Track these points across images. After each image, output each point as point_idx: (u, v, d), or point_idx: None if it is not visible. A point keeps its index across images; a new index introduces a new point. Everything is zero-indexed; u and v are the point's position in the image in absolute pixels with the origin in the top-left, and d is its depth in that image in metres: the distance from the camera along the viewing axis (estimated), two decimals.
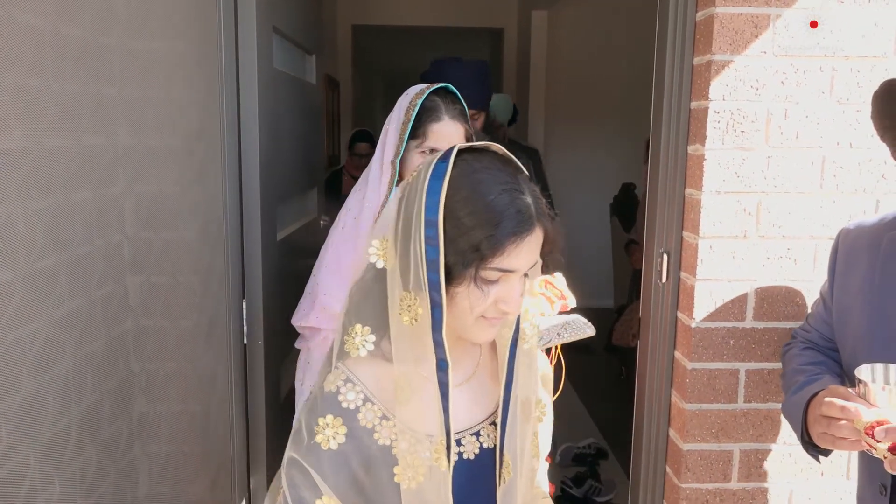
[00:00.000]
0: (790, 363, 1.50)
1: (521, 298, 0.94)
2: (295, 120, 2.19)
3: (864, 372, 1.19)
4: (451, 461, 0.94)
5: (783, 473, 1.77)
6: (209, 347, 1.60)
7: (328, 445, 0.93)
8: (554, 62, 5.40)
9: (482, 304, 0.92)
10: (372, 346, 0.96)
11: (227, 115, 1.67)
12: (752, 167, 1.66)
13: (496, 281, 0.92)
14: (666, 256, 1.80)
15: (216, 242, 1.64)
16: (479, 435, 1.02)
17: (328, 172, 4.26)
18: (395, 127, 1.66)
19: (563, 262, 1.07)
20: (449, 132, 1.65)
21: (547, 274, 1.73)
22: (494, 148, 0.96)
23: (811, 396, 1.30)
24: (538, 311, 1.63)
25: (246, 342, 1.81)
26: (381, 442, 0.95)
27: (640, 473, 1.93)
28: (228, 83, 1.67)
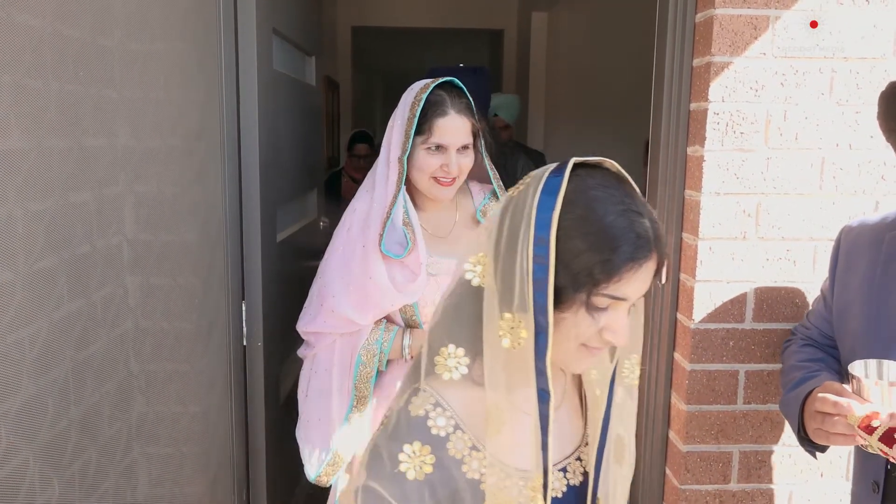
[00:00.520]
0: (789, 359, 1.50)
1: (627, 329, 0.88)
2: (294, 121, 2.19)
3: (857, 368, 1.21)
4: (547, 501, 0.87)
5: (783, 475, 1.77)
6: (209, 349, 1.60)
7: (414, 475, 0.85)
8: (554, 64, 5.40)
9: (588, 332, 0.86)
10: (465, 369, 0.88)
11: (226, 116, 1.67)
12: (751, 168, 1.66)
13: (605, 308, 0.85)
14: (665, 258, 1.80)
15: (216, 244, 1.64)
16: (565, 471, 0.96)
17: (328, 174, 4.26)
18: (400, 123, 1.64)
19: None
20: (455, 127, 1.63)
21: None
22: (608, 164, 0.90)
23: (808, 393, 1.31)
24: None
25: (245, 343, 1.81)
26: (469, 475, 0.87)
27: (639, 475, 1.92)
28: (228, 85, 1.67)
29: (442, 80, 1.66)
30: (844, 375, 1.39)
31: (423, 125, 1.62)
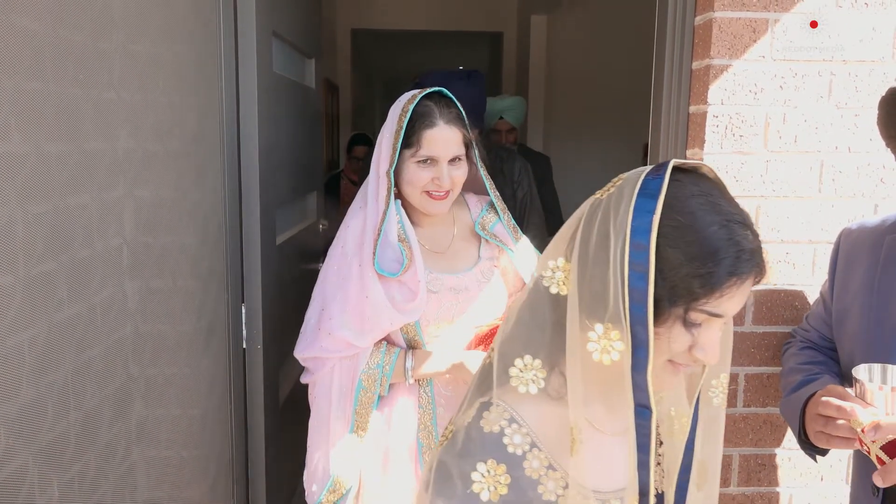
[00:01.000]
0: (789, 362, 1.50)
1: (718, 347, 0.82)
2: (294, 124, 2.19)
3: (861, 372, 1.20)
4: None
5: (783, 478, 1.76)
6: (208, 352, 1.60)
7: (488, 497, 0.80)
8: (553, 67, 5.40)
9: (681, 348, 0.80)
10: (543, 382, 0.83)
11: (226, 118, 1.67)
12: (750, 171, 1.66)
13: (699, 324, 0.80)
14: None
15: (215, 246, 1.64)
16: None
17: (327, 176, 4.26)
18: (388, 136, 1.58)
19: None
20: (445, 138, 1.57)
21: None
22: (705, 169, 0.84)
23: (809, 396, 1.31)
24: None
25: (245, 346, 1.81)
26: (545, 497, 0.82)
27: None
28: (228, 87, 1.68)
29: (430, 90, 1.60)
30: (845, 378, 1.39)
31: (411, 137, 1.56)
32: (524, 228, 2.94)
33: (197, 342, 1.53)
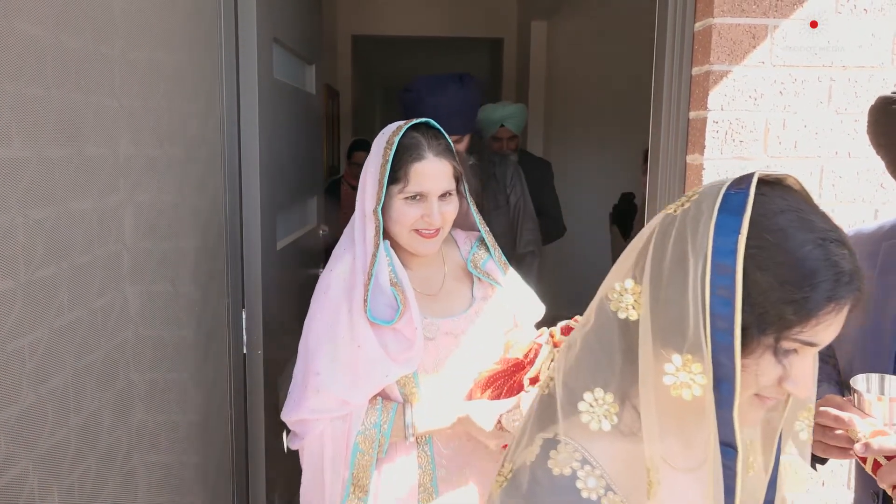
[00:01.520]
0: None
1: (812, 379, 0.76)
2: (294, 129, 2.20)
3: (859, 382, 1.20)
4: None
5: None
6: (208, 357, 1.60)
7: None
8: (554, 72, 5.42)
9: (770, 380, 0.73)
10: (616, 418, 0.76)
11: (227, 124, 1.68)
12: None
13: (791, 354, 0.73)
14: None
15: (216, 251, 1.65)
16: None
17: (328, 181, 4.27)
18: (373, 171, 1.45)
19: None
20: (434, 171, 1.43)
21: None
22: (791, 181, 0.76)
23: None
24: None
25: (245, 351, 1.81)
26: None
27: None
28: (229, 93, 1.68)
29: (416, 121, 1.48)
30: (844, 386, 1.38)
31: (397, 172, 1.43)
32: (518, 233, 2.94)
33: (197, 347, 1.53)
